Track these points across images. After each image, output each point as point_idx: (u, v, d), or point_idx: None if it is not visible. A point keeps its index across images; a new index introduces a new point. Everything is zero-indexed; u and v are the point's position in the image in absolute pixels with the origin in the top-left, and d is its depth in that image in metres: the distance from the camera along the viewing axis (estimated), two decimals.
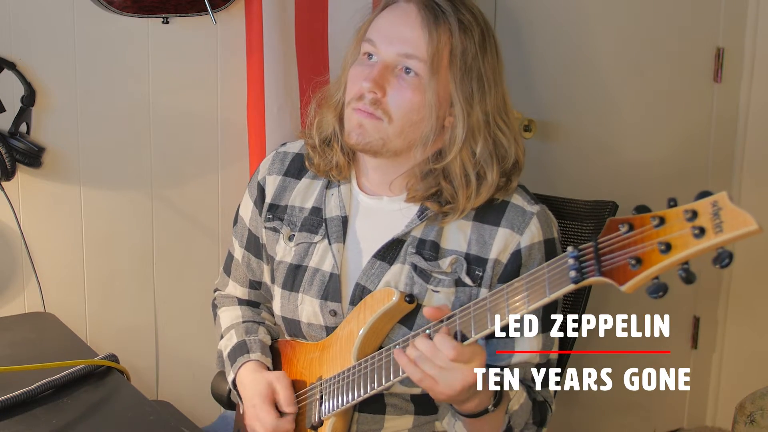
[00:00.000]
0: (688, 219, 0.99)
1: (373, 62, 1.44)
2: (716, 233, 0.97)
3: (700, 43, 2.70)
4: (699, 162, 2.78)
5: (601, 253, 1.08)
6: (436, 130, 1.44)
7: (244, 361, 1.56)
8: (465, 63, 1.42)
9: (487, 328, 1.23)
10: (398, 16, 1.44)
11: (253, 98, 2.06)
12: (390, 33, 1.43)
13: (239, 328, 1.63)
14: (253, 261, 1.67)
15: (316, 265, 1.53)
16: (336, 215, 1.53)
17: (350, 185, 1.55)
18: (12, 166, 1.83)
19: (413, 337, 1.32)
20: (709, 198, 0.99)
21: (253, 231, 1.65)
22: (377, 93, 1.41)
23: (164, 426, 1.41)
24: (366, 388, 1.38)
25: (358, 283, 1.48)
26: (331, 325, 1.51)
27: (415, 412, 1.49)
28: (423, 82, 1.40)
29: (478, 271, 1.44)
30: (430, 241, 1.46)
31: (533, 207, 1.46)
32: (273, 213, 1.60)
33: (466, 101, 1.42)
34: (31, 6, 1.86)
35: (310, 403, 1.48)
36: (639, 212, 1.06)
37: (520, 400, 1.39)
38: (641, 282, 1.04)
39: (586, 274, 1.10)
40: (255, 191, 1.64)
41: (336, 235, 1.52)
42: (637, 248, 1.04)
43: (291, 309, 1.55)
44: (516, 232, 1.44)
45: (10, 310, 1.94)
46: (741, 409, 2.31)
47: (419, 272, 1.45)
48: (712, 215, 0.97)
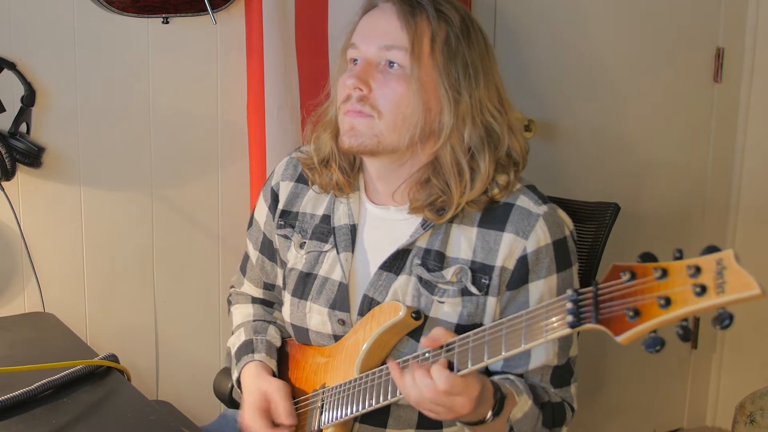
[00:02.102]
0: (691, 275, 0.97)
1: (357, 65, 1.44)
2: (718, 294, 0.94)
3: (700, 43, 2.70)
4: (699, 162, 2.78)
5: (600, 300, 1.06)
6: (429, 121, 1.41)
7: (248, 360, 1.56)
8: (448, 49, 1.41)
9: (483, 361, 1.22)
10: (376, 15, 1.44)
11: (253, 98, 2.06)
12: (369, 31, 1.44)
13: (248, 327, 1.63)
14: (267, 264, 1.67)
15: (325, 274, 1.52)
16: (345, 224, 1.52)
17: (359, 194, 1.54)
18: (12, 166, 1.83)
19: (413, 359, 1.31)
20: (714, 255, 0.96)
21: (267, 235, 1.65)
22: (363, 89, 1.40)
23: (164, 426, 1.41)
24: (366, 403, 1.37)
25: (366, 295, 1.47)
26: (340, 334, 1.50)
27: (417, 426, 1.47)
28: (407, 72, 1.39)
29: (484, 279, 1.42)
30: (435, 251, 1.44)
31: (540, 208, 1.43)
32: (285, 219, 1.60)
33: (452, 87, 1.40)
34: (31, 6, 1.86)
35: (311, 410, 1.48)
36: (643, 260, 1.02)
37: (524, 408, 1.37)
38: (637, 334, 1.02)
39: (583, 320, 1.08)
40: (269, 196, 1.64)
41: (344, 245, 1.51)
42: (636, 299, 1.01)
43: (300, 317, 1.55)
44: (521, 236, 1.40)
45: (10, 310, 1.94)
46: (741, 409, 2.30)
47: (424, 284, 1.44)
48: (716, 274, 0.95)
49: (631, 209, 1.85)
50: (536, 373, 1.44)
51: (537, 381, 1.45)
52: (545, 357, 1.43)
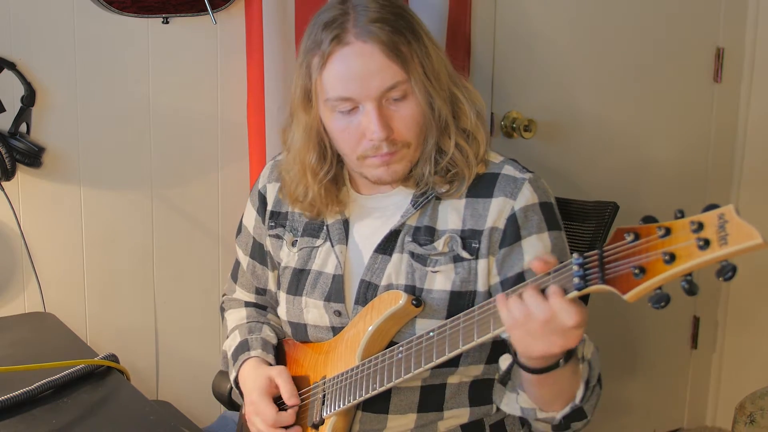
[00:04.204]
0: (694, 230, 0.98)
1: (360, 112, 1.40)
2: (721, 245, 0.96)
3: (700, 43, 2.70)
4: (699, 162, 2.78)
5: (605, 261, 1.08)
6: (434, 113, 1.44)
7: (245, 358, 1.56)
8: (419, 47, 1.40)
9: (490, 332, 1.23)
10: (354, 58, 1.38)
11: (253, 98, 2.06)
12: (358, 78, 1.38)
13: (243, 328, 1.63)
14: (258, 268, 1.67)
15: (319, 268, 1.53)
16: (337, 219, 1.53)
17: (346, 187, 1.55)
18: (12, 166, 1.83)
19: (416, 339, 1.32)
20: (716, 210, 0.98)
21: (257, 239, 1.66)
22: (388, 134, 1.40)
23: (164, 426, 1.41)
24: (368, 388, 1.38)
25: (363, 280, 1.48)
26: (338, 326, 1.51)
27: (418, 409, 1.48)
28: (411, 94, 1.40)
29: (474, 244, 1.43)
30: (425, 226, 1.46)
31: (525, 174, 1.46)
32: (275, 220, 1.61)
33: (432, 73, 1.41)
34: (31, 6, 1.86)
35: (312, 402, 1.48)
36: (646, 222, 1.05)
37: (590, 348, 1.35)
38: (644, 291, 1.03)
39: (589, 282, 1.09)
40: (257, 200, 1.65)
41: (338, 237, 1.52)
42: (641, 257, 1.03)
43: (296, 313, 1.55)
44: (509, 197, 1.43)
45: (10, 310, 1.94)
46: (741, 409, 2.31)
47: (416, 258, 1.45)
48: (718, 228, 0.96)
49: (631, 208, 1.84)
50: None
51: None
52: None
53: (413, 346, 1.34)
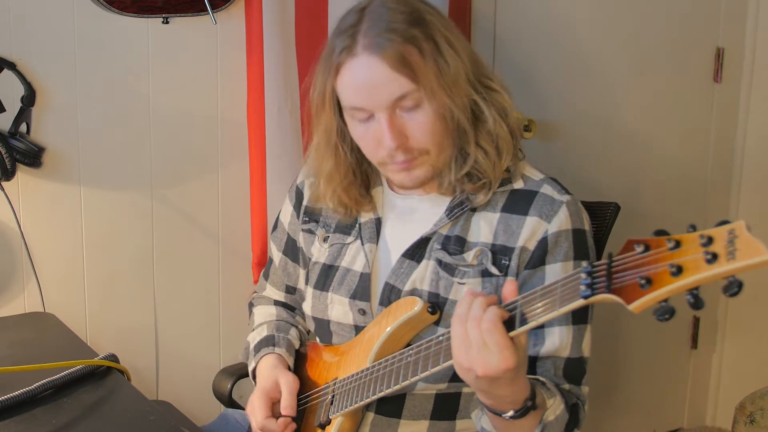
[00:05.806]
0: (703, 244, 0.99)
1: (375, 120, 1.40)
2: (728, 260, 0.96)
3: (700, 43, 2.70)
4: (699, 162, 2.78)
5: (613, 271, 1.07)
6: (457, 118, 1.42)
7: (268, 352, 1.57)
8: (434, 51, 1.38)
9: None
10: (363, 71, 1.37)
11: (253, 98, 2.06)
12: (367, 89, 1.37)
13: (271, 324, 1.65)
14: (290, 265, 1.68)
15: (347, 265, 1.53)
16: (370, 218, 1.54)
17: (382, 187, 1.56)
18: (12, 166, 1.83)
19: (426, 343, 1.31)
20: (726, 225, 0.98)
21: (291, 235, 1.67)
22: (403, 142, 1.39)
23: (164, 426, 1.41)
24: (376, 390, 1.37)
25: (387, 283, 1.48)
26: (361, 324, 1.51)
27: (431, 417, 1.47)
28: (424, 101, 1.38)
29: (504, 260, 1.43)
30: (456, 236, 1.45)
31: (563, 196, 1.45)
32: (309, 216, 1.62)
33: (450, 77, 1.39)
34: (31, 6, 1.86)
35: (321, 402, 1.49)
36: (657, 235, 1.05)
37: (556, 411, 1.35)
38: (649, 303, 1.03)
39: (596, 291, 1.09)
40: (294, 195, 1.66)
41: (369, 236, 1.53)
42: (649, 269, 1.03)
43: (321, 309, 1.56)
44: (544, 219, 1.42)
45: (10, 310, 1.94)
46: (741, 409, 2.31)
47: (444, 266, 1.44)
48: (727, 242, 0.96)
49: (632, 209, 1.84)
50: (548, 362, 1.43)
51: (551, 374, 1.43)
52: (559, 342, 1.42)
53: (422, 349, 1.33)
